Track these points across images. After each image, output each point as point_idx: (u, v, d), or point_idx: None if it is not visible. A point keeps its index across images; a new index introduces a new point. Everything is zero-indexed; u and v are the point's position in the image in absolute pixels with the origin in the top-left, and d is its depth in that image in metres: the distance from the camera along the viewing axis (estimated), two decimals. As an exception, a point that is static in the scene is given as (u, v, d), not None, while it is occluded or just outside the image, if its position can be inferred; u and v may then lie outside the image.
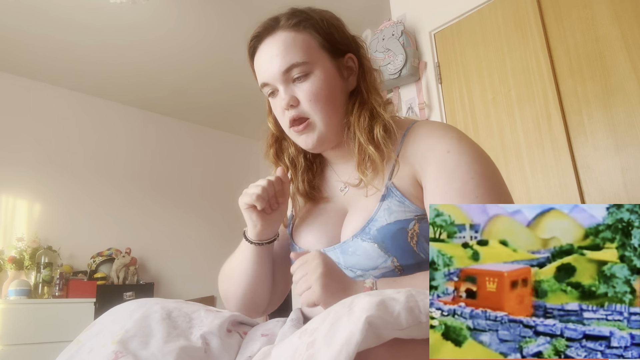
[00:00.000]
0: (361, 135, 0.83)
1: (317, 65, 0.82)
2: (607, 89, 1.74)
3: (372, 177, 0.82)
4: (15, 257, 3.13)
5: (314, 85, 0.81)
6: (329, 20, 0.86)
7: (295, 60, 0.81)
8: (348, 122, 0.85)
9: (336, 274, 0.70)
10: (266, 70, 0.83)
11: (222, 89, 4.02)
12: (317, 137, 0.84)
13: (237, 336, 0.75)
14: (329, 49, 0.84)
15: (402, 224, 0.77)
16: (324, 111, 0.82)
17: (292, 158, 0.94)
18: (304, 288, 0.69)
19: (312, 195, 0.92)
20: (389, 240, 0.77)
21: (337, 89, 0.85)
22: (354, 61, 0.88)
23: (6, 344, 2.78)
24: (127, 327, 0.67)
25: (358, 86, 0.88)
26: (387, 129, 0.83)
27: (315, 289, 0.67)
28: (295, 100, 0.82)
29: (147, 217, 4.07)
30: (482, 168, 0.76)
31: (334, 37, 0.85)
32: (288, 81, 0.82)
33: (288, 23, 0.83)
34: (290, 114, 0.83)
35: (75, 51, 3.37)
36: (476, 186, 0.73)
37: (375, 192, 0.82)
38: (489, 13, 2.16)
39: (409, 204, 0.79)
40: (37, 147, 3.60)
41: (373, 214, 0.80)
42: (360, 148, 0.83)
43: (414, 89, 2.39)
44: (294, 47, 0.81)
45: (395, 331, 0.47)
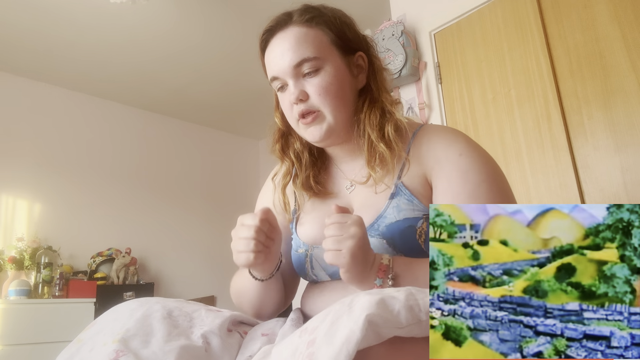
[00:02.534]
0: (372, 132, 0.83)
1: (328, 61, 0.83)
2: (607, 89, 1.74)
3: (382, 175, 0.83)
4: (15, 257, 3.13)
5: (323, 80, 0.82)
6: (341, 18, 0.87)
7: (306, 55, 0.81)
8: (358, 119, 0.86)
9: (366, 247, 0.71)
10: (277, 64, 0.83)
11: (222, 89, 4.02)
12: (326, 129, 0.84)
13: (238, 335, 0.75)
14: (340, 45, 0.85)
15: (410, 222, 0.78)
16: (333, 104, 0.83)
17: (298, 153, 0.94)
18: (334, 248, 0.69)
19: (317, 190, 0.92)
20: (398, 237, 0.78)
21: (347, 85, 0.85)
22: (364, 59, 0.89)
23: (6, 344, 2.78)
24: (128, 326, 0.67)
25: (368, 84, 0.89)
26: (398, 127, 0.84)
27: (345, 255, 0.68)
28: (304, 95, 0.82)
29: (147, 217, 4.07)
30: (491, 172, 0.79)
31: (345, 34, 0.86)
32: (298, 76, 0.83)
33: (301, 18, 0.84)
34: (299, 108, 0.83)
35: (75, 51, 3.37)
36: (488, 189, 0.76)
37: (384, 190, 0.82)
38: (489, 13, 2.16)
39: (418, 203, 0.80)
40: (37, 147, 3.60)
41: (382, 210, 0.81)
42: (370, 145, 0.84)
43: (414, 89, 2.39)
44: (306, 42, 0.82)
45: (395, 329, 0.48)
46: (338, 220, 0.71)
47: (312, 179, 0.92)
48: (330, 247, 0.70)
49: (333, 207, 0.74)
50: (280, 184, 0.95)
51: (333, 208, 0.74)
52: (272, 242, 0.81)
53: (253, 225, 0.77)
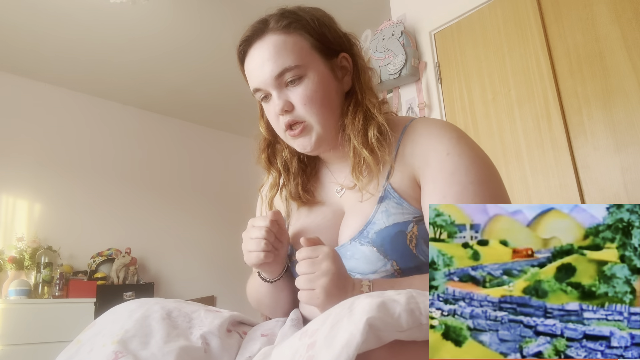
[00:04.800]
0: (355, 138, 0.81)
1: (310, 68, 0.80)
2: (607, 89, 1.74)
3: (367, 182, 0.81)
4: (15, 257, 3.13)
5: (307, 89, 0.79)
6: (320, 20, 0.83)
7: (287, 65, 0.78)
8: (343, 125, 0.83)
9: (342, 281, 0.68)
10: (258, 76, 0.80)
11: (221, 89, 4.02)
12: (315, 139, 0.82)
13: (237, 336, 0.75)
14: (321, 49, 0.82)
15: (400, 227, 0.76)
16: (319, 113, 0.80)
17: (285, 162, 0.92)
18: (307, 287, 0.67)
19: (305, 199, 0.90)
20: (388, 244, 0.76)
21: (332, 90, 0.82)
22: (348, 60, 0.86)
23: (6, 344, 2.78)
24: (127, 327, 0.67)
25: (353, 86, 0.86)
26: (381, 130, 0.81)
27: (319, 294, 0.66)
28: (289, 105, 0.80)
29: (147, 217, 4.07)
30: (482, 172, 0.75)
31: (326, 37, 0.83)
32: (281, 86, 0.80)
33: (278, 25, 0.80)
34: (285, 119, 0.80)
35: (75, 51, 3.37)
36: (475, 192, 0.72)
37: (370, 197, 0.80)
38: (489, 13, 2.16)
39: (407, 206, 0.78)
40: (37, 147, 3.60)
41: (371, 216, 0.78)
42: (354, 151, 0.82)
43: (414, 89, 2.39)
44: (285, 50, 0.78)
45: (395, 333, 0.47)
46: (308, 255, 0.69)
47: (300, 188, 0.90)
48: (303, 286, 0.68)
49: (302, 240, 0.71)
50: (267, 196, 0.94)
51: (302, 241, 0.71)
52: (281, 244, 0.82)
53: (264, 226, 0.79)
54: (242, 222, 0.87)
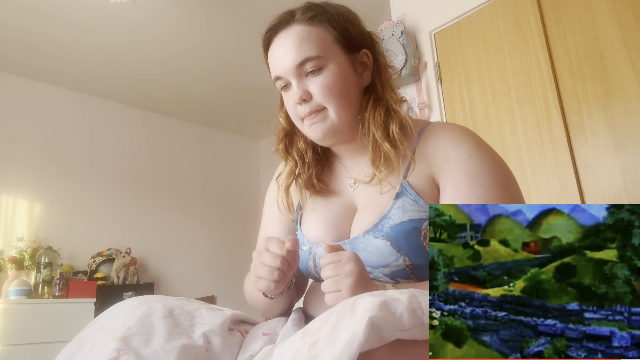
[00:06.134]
0: (376, 131, 0.82)
1: (331, 60, 0.82)
2: (607, 89, 1.74)
3: (386, 174, 0.82)
4: (15, 257, 3.13)
5: (327, 79, 0.81)
6: (345, 15, 0.86)
7: (309, 54, 0.80)
8: (362, 118, 0.85)
9: (366, 281, 0.69)
10: (280, 64, 0.83)
11: (222, 89, 4.02)
12: (329, 127, 0.83)
13: (239, 335, 0.75)
14: (343, 43, 0.84)
15: (415, 224, 0.77)
16: (337, 103, 0.82)
17: (301, 151, 0.93)
18: (333, 289, 0.68)
19: (319, 188, 0.91)
20: (402, 239, 0.77)
21: (351, 84, 0.84)
22: (368, 57, 0.88)
23: (6, 344, 2.78)
24: (129, 325, 0.67)
25: (373, 82, 0.88)
26: (403, 126, 0.83)
27: (345, 294, 0.66)
28: (307, 95, 0.82)
29: (147, 217, 4.07)
30: (502, 175, 0.78)
31: (349, 32, 0.85)
32: (301, 75, 0.82)
33: (303, 17, 0.83)
34: (304, 110, 0.83)
35: (75, 51, 3.37)
36: (498, 194, 0.75)
37: (389, 190, 0.81)
38: (489, 13, 2.16)
39: (423, 204, 0.79)
40: (37, 147, 3.60)
41: (386, 211, 0.80)
42: (375, 144, 0.83)
43: (414, 89, 2.39)
44: (309, 40, 0.81)
45: (397, 332, 0.48)
46: (332, 259, 0.70)
47: (314, 177, 0.92)
48: (329, 289, 0.68)
49: (324, 247, 0.72)
50: (283, 184, 0.95)
51: (324, 248, 0.72)
52: (291, 270, 0.78)
53: (279, 256, 0.74)
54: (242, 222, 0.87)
